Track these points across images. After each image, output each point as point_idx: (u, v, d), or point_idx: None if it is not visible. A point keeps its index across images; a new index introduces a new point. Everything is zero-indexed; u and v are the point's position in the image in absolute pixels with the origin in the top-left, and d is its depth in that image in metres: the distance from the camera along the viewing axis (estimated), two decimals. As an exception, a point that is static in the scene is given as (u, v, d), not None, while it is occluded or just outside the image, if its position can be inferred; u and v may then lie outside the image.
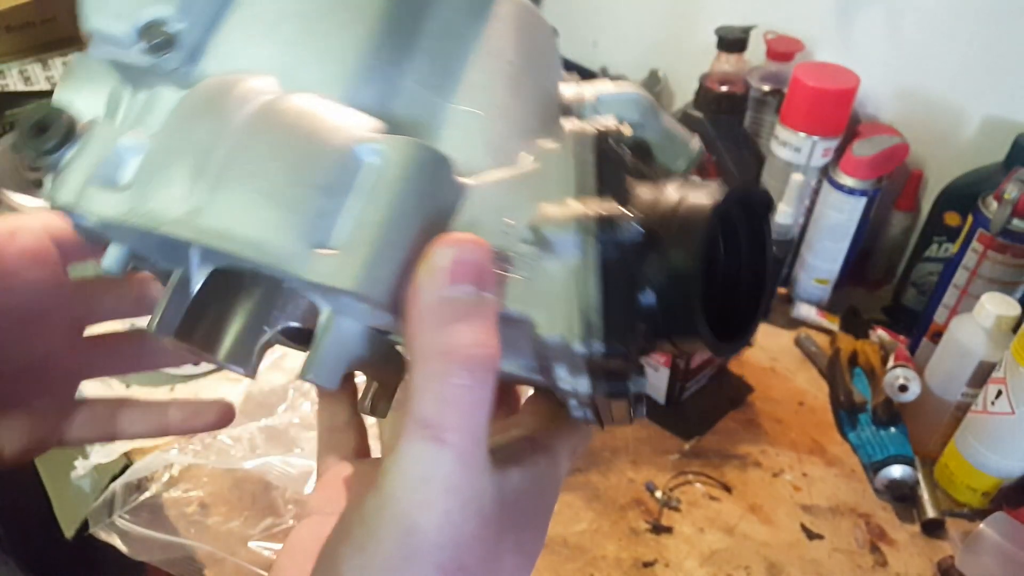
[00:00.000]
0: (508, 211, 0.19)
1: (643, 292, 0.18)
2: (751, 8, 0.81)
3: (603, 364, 0.18)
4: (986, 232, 0.58)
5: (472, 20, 0.21)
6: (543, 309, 0.18)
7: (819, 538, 0.56)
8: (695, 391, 0.66)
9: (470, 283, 0.17)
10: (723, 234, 0.21)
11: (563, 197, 0.18)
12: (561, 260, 0.18)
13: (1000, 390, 0.53)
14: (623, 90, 0.24)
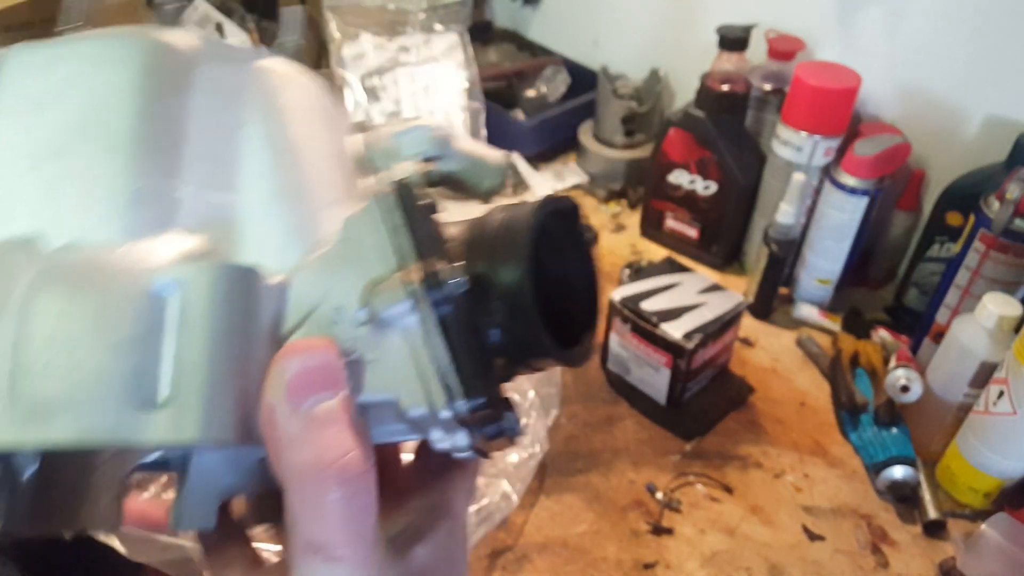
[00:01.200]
0: (334, 297, 0.18)
1: (489, 332, 0.19)
2: (752, 7, 0.80)
3: (475, 418, 0.18)
4: (988, 232, 0.58)
5: (233, 108, 0.20)
6: (400, 386, 0.18)
7: (820, 539, 0.56)
8: (696, 392, 0.66)
9: (320, 391, 0.17)
10: (547, 248, 0.21)
11: (382, 266, 0.18)
12: (401, 332, 0.18)
13: (1002, 391, 0.52)
14: (413, 127, 0.24)
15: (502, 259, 0.19)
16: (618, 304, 0.63)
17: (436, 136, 0.24)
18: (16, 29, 0.86)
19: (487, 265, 0.19)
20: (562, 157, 0.99)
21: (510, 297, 0.18)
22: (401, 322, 0.18)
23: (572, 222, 0.22)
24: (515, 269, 0.18)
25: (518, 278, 0.18)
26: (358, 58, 0.95)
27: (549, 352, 0.19)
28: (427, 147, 0.23)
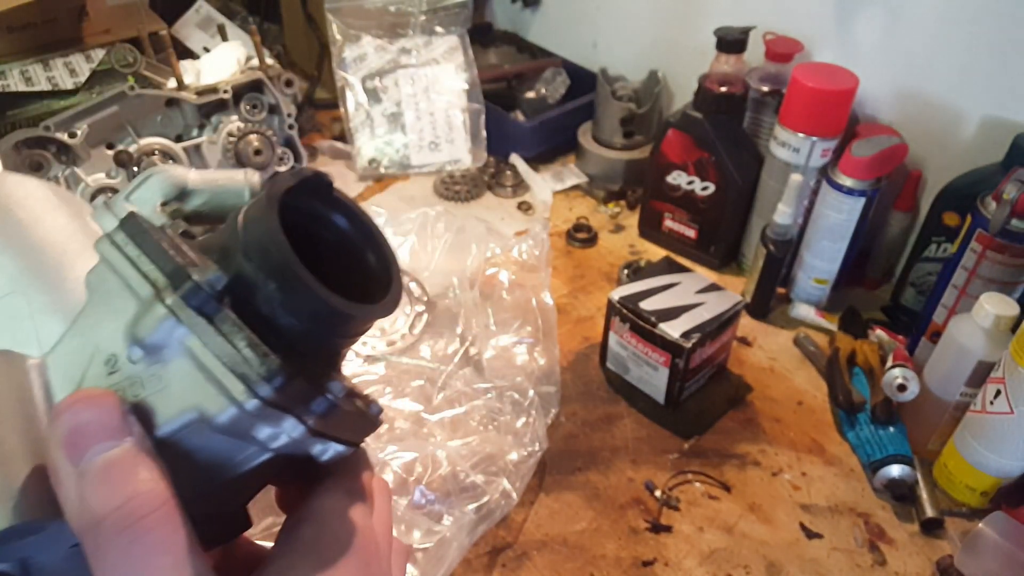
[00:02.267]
0: (103, 350, 0.18)
1: (277, 317, 0.18)
2: (750, 9, 0.81)
3: (290, 397, 0.18)
4: (985, 232, 0.58)
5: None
6: (198, 398, 0.17)
7: (818, 537, 0.56)
8: (694, 391, 0.66)
9: (98, 442, 0.16)
10: (306, 220, 0.21)
11: (135, 301, 0.18)
12: (178, 351, 0.17)
13: (999, 390, 0.53)
14: (141, 181, 0.24)
15: (252, 236, 0.18)
16: (617, 303, 0.64)
17: (169, 180, 0.24)
18: (19, 30, 0.87)
19: (239, 250, 0.18)
20: (561, 158, 1.00)
21: (274, 268, 0.18)
22: (173, 340, 0.17)
23: (321, 191, 0.21)
24: (265, 235, 0.18)
25: (270, 243, 0.18)
26: (359, 60, 0.96)
27: (340, 308, 0.19)
28: (161, 193, 0.23)
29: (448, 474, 0.56)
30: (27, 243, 0.20)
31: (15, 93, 0.85)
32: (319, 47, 1.03)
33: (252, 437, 0.18)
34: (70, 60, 0.89)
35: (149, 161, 0.72)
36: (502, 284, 0.73)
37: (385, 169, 0.96)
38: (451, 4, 0.96)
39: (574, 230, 0.87)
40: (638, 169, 0.91)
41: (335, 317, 0.19)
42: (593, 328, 0.74)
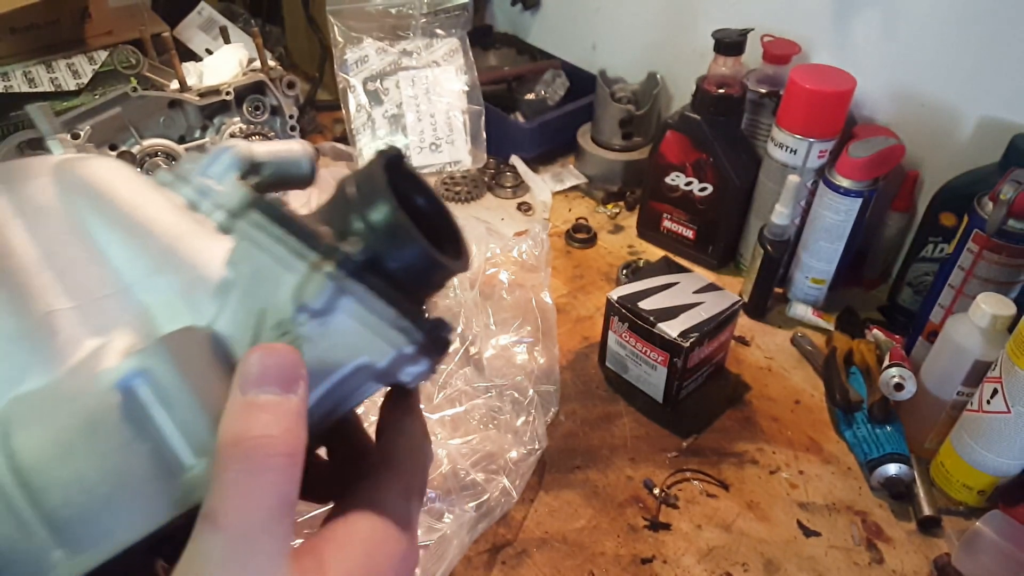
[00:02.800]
0: (269, 318, 0.21)
1: (394, 272, 0.22)
2: (748, 11, 0.82)
3: (431, 340, 0.22)
4: (982, 232, 0.58)
5: (62, 216, 0.21)
6: (365, 349, 0.21)
7: (816, 535, 0.57)
8: (693, 390, 0.67)
9: (272, 384, 0.19)
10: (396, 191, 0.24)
11: (291, 273, 0.21)
12: (341, 311, 0.21)
13: (996, 389, 0.53)
14: (211, 156, 0.24)
15: (370, 206, 0.22)
16: (616, 303, 0.64)
17: (240, 155, 0.25)
18: (22, 31, 0.87)
19: (362, 219, 0.22)
20: (561, 159, 1.00)
21: (392, 232, 0.21)
22: (335, 303, 0.20)
23: (403, 169, 0.24)
24: (384, 206, 0.22)
25: (390, 212, 0.22)
26: (360, 62, 0.96)
27: (441, 264, 0.22)
28: (235, 167, 0.24)
29: (448, 472, 0.56)
30: (145, 225, 0.21)
31: (18, 94, 0.85)
32: (321, 49, 1.04)
33: (393, 375, 0.22)
34: (73, 61, 0.89)
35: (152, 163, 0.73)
36: (502, 284, 0.74)
37: (386, 170, 0.96)
38: (451, 6, 0.97)
39: (573, 230, 0.87)
40: (637, 170, 0.92)
41: (441, 270, 0.23)
42: (592, 328, 0.75)
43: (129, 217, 0.21)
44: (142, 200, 0.22)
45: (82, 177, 0.21)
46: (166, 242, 0.21)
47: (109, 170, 0.22)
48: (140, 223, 0.21)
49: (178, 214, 0.22)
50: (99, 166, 0.22)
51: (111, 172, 0.22)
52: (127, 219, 0.21)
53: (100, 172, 0.22)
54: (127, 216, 0.21)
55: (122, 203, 0.21)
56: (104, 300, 0.20)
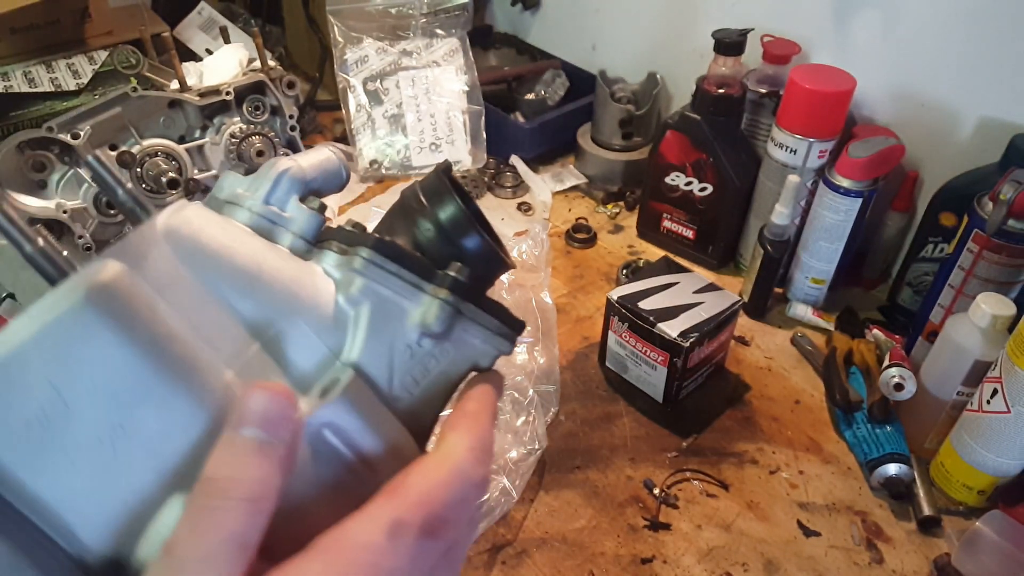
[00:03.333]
0: (399, 344, 0.24)
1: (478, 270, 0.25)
2: (748, 11, 0.82)
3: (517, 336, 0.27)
4: (982, 232, 0.58)
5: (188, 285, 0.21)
6: (479, 357, 0.26)
7: (816, 535, 0.57)
8: (693, 390, 0.67)
9: (256, 425, 0.19)
10: None
11: (411, 302, 0.24)
12: (461, 329, 0.25)
13: (995, 389, 0.53)
14: (269, 182, 0.25)
15: (439, 207, 0.26)
16: (616, 303, 0.64)
17: (297, 177, 0.26)
18: (22, 31, 0.87)
19: (431, 221, 0.26)
20: (561, 159, 1.00)
21: (460, 227, 0.26)
22: (453, 324, 0.24)
23: (454, 179, 0.27)
24: (451, 206, 0.26)
25: (456, 210, 0.26)
26: (360, 62, 0.96)
27: (500, 258, 0.26)
28: (294, 190, 0.26)
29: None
30: (260, 277, 0.23)
31: (18, 94, 0.85)
32: (321, 49, 1.04)
33: (488, 367, 0.26)
34: (73, 61, 0.89)
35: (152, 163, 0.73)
36: (502, 284, 0.74)
37: (386, 170, 0.96)
38: (451, 6, 0.97)
39: (573, 230, 0.87)
40: (637, 170, 0.92)
41: (499, 264, 0.27)
42: (592, 327, 0.75)
43: (245, 271, 0.22)
44: (246, 250, 0.23)
45: (191, 238, 0.22)
46: (283, 288, 0.23)
47: (209, 224, 0.23)
48: (256, 275, 0.23)
49: (280, 256, 0.24)
50: (199, 223, 0.22)
51: (212, 227, 0.23)
52: (244, 273, 0.22)
53: (205, 229, 0.22)
54: (243, 270, 0.22)
55: (234, 257, 0.22)
56: (253, 358, 0.22)
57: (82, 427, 0.18)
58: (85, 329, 0.18)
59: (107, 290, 0.18)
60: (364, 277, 0.24)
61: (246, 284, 0.22)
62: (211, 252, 0.22)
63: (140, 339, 0.19)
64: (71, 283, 0.18)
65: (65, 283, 0.18)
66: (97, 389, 0.18)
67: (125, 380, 0.18)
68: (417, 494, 0.20)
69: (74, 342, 0.18)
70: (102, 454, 0.19)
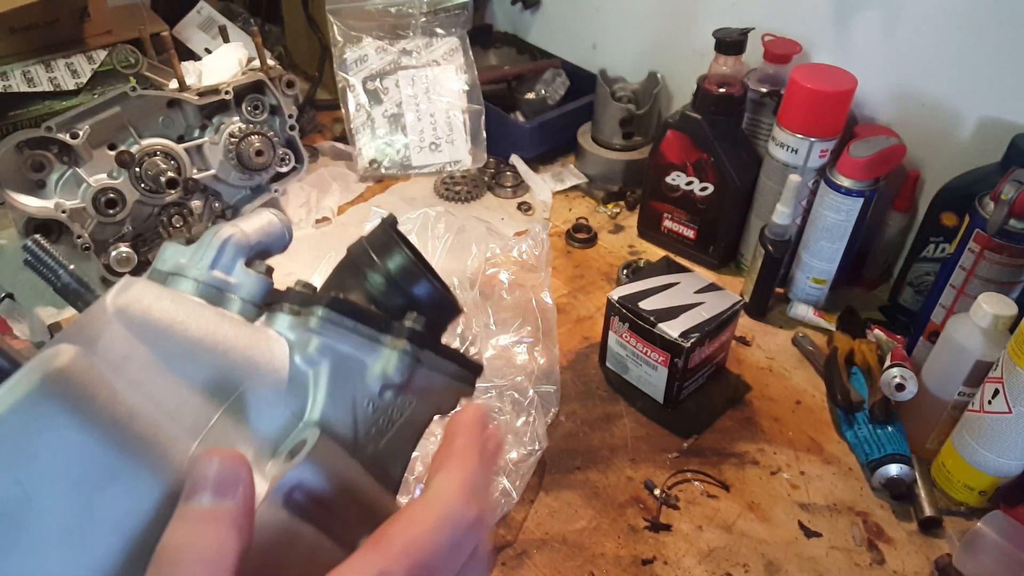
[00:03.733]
0: (360, 398, 0.24)
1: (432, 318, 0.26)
2: (749, 10, 0.81)
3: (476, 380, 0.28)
4: (983, 232, 0.58)
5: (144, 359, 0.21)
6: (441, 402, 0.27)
7: (817, 536, 0.56)
8: (693, 390, 0.67)
9: (207, 492, 0.19)
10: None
11: (370, 356, 0.24)
12: (422, 378, 0.26)
13: (997, 389, 0.53)
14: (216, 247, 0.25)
15: (386, 257, 0.26)
16: (616, 303, 0.64)
17: (241, 243, 0.26)
18: (21, 31, 0.87)
19: (380, 271, 0.26)
20: (561, 159, 1.00)
21: (409, 274, 0.26)
22: (415, 375, 0.25)
23: (397, 232, 0.28)
24: (398, 255, 0.27)
25: (404, 259, 0.26)
26: (360, 61, 0.96)
27: (452, 305, 0.27)
28: (240, 255, 0.26)
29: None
30: (215, 347, 0.23)
31: (17, 94, 0.85)
32: (320, 48, 1.04)
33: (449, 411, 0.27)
34: (72, 61, 0.89)
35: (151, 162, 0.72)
36: (502, 284, 0.74)
37: (386, 170, 0.96)
38: (451, 6, 0.97)
39: (574, 230, 0.87)
40: (637, 170, 0.91)
41: (452, 308, 0.28)
42: (593, 328, 0.75)
43: (199, 343, 0.22)
44: (199, 322, 0.23)
45: (142, 315, 0.22)
46: (239, 355, 0.23)
47: (158, 299, 0.22)
48: (211, 346, 0.22)
49: (232, 323, 0.24)
50: (148, 299, 0.22)
51: (161, 301, 0.22)
52: (198, 345, 0.22)
53: (155, 305, 0.22)
54: (197, 342, 0.22)
55: (187, 330, 0.22)
56: (215, 428, 0.22)
57: (48, 518, 0.18)
58: (43, 418, 0.17)
59: (63, 375, 0.18)
60: (320, 336, 0.24)
61: (201, 355, 0.22)
62: (163, 327, 0.22)
63: (101, 422, 0.18)
64: (24, 371, 0.18)
65: (18, 372, 0.18)
66: (61, 477, 0.18)
67: (89, 465, 0.18)
68: (402, 543, 0.20)
69: (33, 432, 0.17)
70: (70, 542, 0.18)
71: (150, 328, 0.21)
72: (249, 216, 0.28)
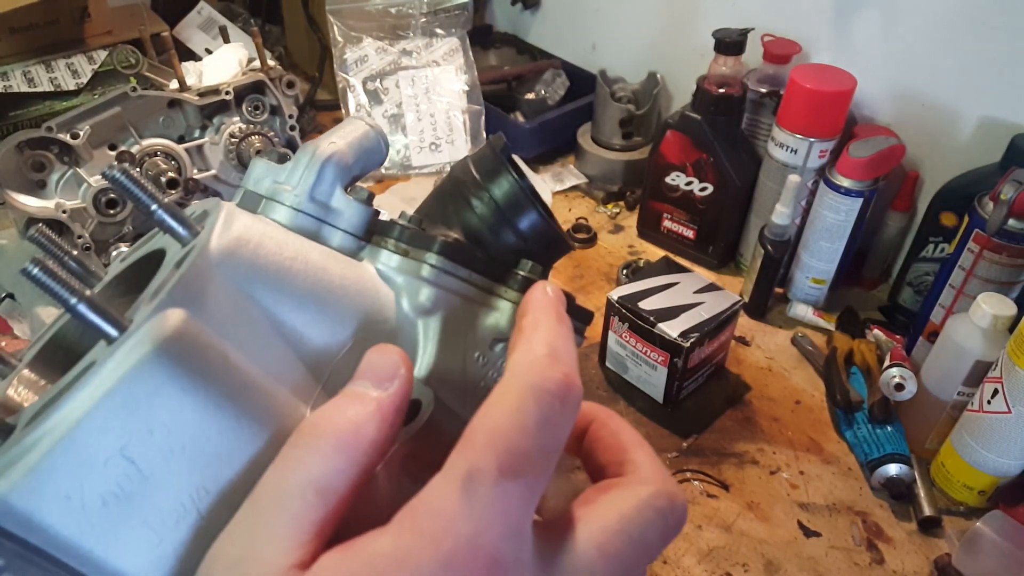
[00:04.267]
0: (469, 353, 0.23)
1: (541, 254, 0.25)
2: (749, 10, 0.81)
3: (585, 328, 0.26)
4: (982, 232, 0.58)
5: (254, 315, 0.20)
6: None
7: (816, 535, 0.56)
8: (693, 390, 0.67)
9: (367, 379, 0.19)
10: None
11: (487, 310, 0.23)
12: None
13: (996, 389, 0.53)
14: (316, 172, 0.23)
15: (492, 181, 0.24)
16: (616, 303, 0.64)
17: (340, 165, 0.23)
18: (21, 31, 0.87)
19: (484, 196, 0.24)
20: (561, 159, 1.00)
21: (517, 203, 0.24)
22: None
23: (509, 155, 0.26)
24: (507, 182, 0.24)
25: (514, 187, 0.24)
26: (360, 62, 0.96)
27: (561, 240, 0.25)
28: (340, 180, 0.23)
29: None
30: (323, 294, 0.21)
31: (17, 94, 0.85)
32: (320, 49, 1.04)
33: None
34: (72, 61, 0.89)
35: (152, 162, 0.73)
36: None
37: (386, 170, 0.96)
38: (451, 6, 0.97)
39: (574, 230, 0.87)
40: (637, 170, 0.91)
41: (562, 247, 0.25)
42: (592, 328, 0.74)
43: (309, 294, 0.20)
44: (309, 268, 0.21)
45: (249, 263, 0.20)
46: (350, 304, 0.21)
47: (264, 240, 0.20)
48: (322, 297, 0.21)
49: (339, 264, 0.22)
50: (255, 241, 0.20)
51: (268, 243, 0.20)
52: (306, 293, 0.20)
53: (261, 248, 0.20)
54: (306, 293, 0.20)
55: (296, 278, 0.20)
56: (323, 391, 0.20)
57: (164, 496, 0.17)
58: (157, 389, 0.16)
59: (176, 343, 0.16)
60: (433, 286, 0.22)
61: (311, 307, 0.20)
62: (272, 275, 0.20)
63: (218, 393, 0.17)
64: (133, 340, 0.16)
65: (125, 341, 0.16)
66: (175, 452, 0.17)
67: (205, 439, 0.17)
68: (485, 434, 0.17)
69: (146, 405, 0.16)
70: (188, 520, 0.17)
71: (258, 277, 0.20)
72: (341, 129, 0.24)
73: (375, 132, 0.25)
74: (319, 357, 0.21)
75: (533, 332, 0.20)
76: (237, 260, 0.19)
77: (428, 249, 0.22)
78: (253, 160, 0.23)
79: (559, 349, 0.19)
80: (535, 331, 0.20)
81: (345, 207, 0.23)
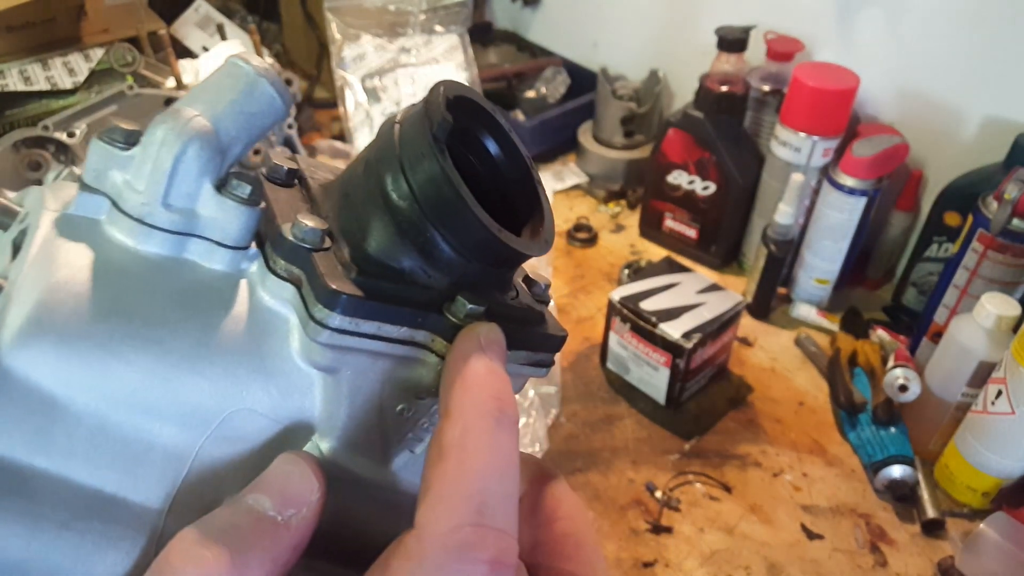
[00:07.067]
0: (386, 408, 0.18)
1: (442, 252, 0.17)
2: (751, 8, 0.81)
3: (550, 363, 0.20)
4: (986, 232, 0.58)
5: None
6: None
7: (819, 538, 0.56)
8: (695, 392, 0.66)
9: (266, 496, 0.16)
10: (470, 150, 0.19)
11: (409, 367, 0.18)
12: None
13: (1000, 390, 0.53)
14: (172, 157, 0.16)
15: (415, 165, 0.16)
16: (617, 304, 0.63)
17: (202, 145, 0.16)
18: (17, 29, 0.86)
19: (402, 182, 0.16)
20: (562, 158, 0.99)
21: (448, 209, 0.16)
22: None
23: (484, 112, 0.19)
24: (431, 167, 0.16)
25: (436, 172, 0.16)
26: (359, 59, 0.95)
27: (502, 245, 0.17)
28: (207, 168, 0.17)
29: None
30: (184, 365, 0.16)
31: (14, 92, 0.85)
32: (318, 46, 1.03)
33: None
34: (69, 59, 0.88)
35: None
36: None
37: (385, 169, 0.95)
38: (451, 3, 0.96)
39: (575, 230, 0.86)
40: (639, 169, 0.91)
41: (506, 254, 0.18)
42: (593, 328, 0.74)
43: (148, 378, 0.16)
44: (144, 339, 0.15)
45: (52, 356, 0.15)
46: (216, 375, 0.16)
47: (74, 306, 0.15)
48: (168, 377, 0.16)
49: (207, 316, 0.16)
50: (59, 310, 0.15)
51: (78, 307, 0.15)
52: (144, 383, 0.16)
53: (77, 323, 0.15)
54: (142, 378, 0.16)
55: (128, 362, 0.15)
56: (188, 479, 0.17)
57: None
58: None
59: None
60: (334, 350, 0.16)
61: (160, 398, 0.15)
62: (96, 368, 0.15)
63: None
64: None
65: None
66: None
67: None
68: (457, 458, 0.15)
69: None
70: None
71: (74, 379, 0.15)
72: (209, 84, 0.17)
73: (258, 75, 0.17)
74: (171, 457, 0.16)
75: (456, 468, 0.15)
76: (38, 358, 0.14)
77: (318, 300, 0.16)
78: (92, 141, 0.16)
79: (488, 499, 0.14)
80: (458, 466, 0.15)
81: (217, 212, 0.16)
